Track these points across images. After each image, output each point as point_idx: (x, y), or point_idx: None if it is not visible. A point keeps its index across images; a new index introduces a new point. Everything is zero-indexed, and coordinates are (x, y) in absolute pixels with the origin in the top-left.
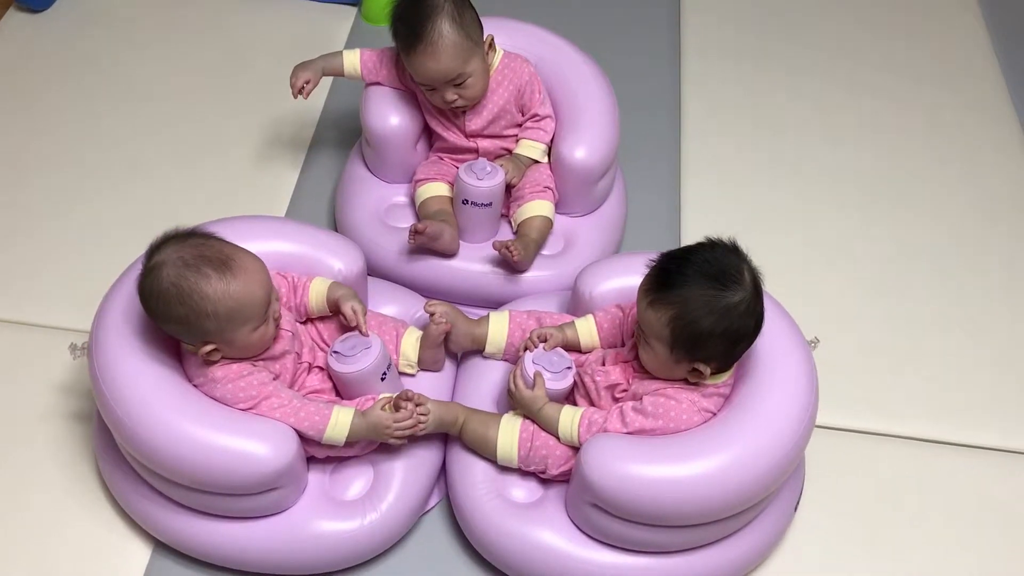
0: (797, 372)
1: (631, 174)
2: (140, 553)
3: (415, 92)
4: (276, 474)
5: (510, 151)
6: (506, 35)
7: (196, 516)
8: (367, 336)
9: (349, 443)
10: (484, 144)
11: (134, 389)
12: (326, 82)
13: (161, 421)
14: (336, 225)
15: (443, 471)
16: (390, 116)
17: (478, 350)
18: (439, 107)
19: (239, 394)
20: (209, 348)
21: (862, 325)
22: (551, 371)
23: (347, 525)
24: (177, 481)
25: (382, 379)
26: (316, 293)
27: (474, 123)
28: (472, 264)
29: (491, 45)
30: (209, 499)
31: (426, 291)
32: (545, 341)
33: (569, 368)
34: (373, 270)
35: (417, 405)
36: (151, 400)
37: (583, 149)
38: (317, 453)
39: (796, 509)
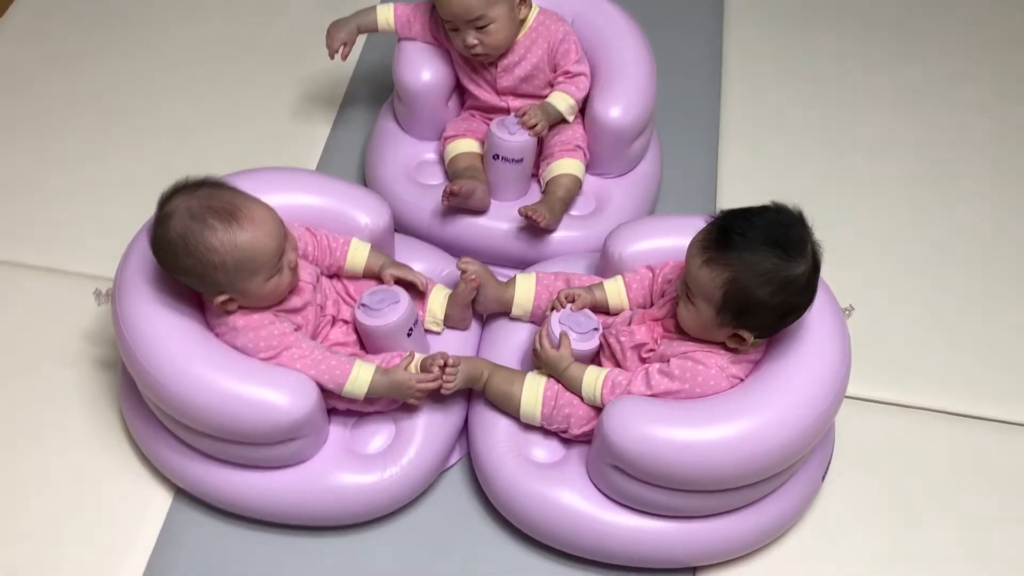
0: (830, 340)
1: (668, 137)
2: (161, 500)
3: (448, 48)
4: (295, 424)
5: None
6: None
7: (216, 464)
8: (396, 290)
9: (369, 399)
10: (515, 104)
11: (155, 337)
12: (360, 37)
13: (181, 368)
14: (365, 181)
15: (465, 428)
16: (422, 71)
17: (505, 312)
18: (464, 56)
19: (260, 343)
20: (223, 298)
21: (901, 296)
22: (577, 332)
23: (367, 478)
24: (196, 429)
25: (408, 335)
26: (354, 259)
27: (505, 80)
28: (501, 223)
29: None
30: (228, 447)
31: (455, 249)
32: (573, 302)
33: (596, 329)
34: (402, 227)
35: (448, 367)
36: (171, 347)
37: (618, 107)
38: (339, 405)
39: (824, 479)
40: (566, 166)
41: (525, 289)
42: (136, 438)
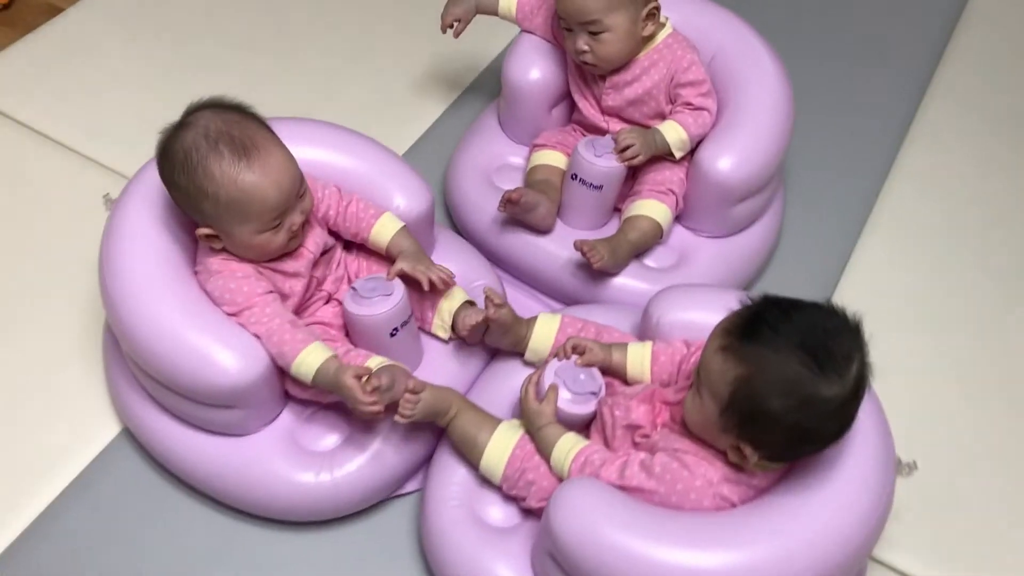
0: (863, 493)
1: (803, 191)
2: (107, 430)
3: (566, 51)
4: (234, 390)
5: None
6: (685, 13)
7: (157, 411)
8: (395, 284)
9: (319, 388)
10: (617, 127)
11: (130, 261)
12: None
13: (142, 301)
14: (446, 168)
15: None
16: (531, 69)
17: (517, 352)
18: (576, 63)
19: (226, 296)
20: (206, 231)
21: (982, 465)
22: (572, 390)
23: (297, 476)
24: (137, 363)
25: (392, 334)
26: (379, 233)
27: (612, 99)
28: (562, 250)
29: (652, 14)
30: (168, 396)
31: (504, 263)
32: (581, 354)
33: (595, 394)
34: (457, 224)
35: (409, 393)
36: (140, 277)
37: (729, 159)
38: (296, 393)
39: None
40: (650, 208)
41: (545, 332)
42: (104, 359)
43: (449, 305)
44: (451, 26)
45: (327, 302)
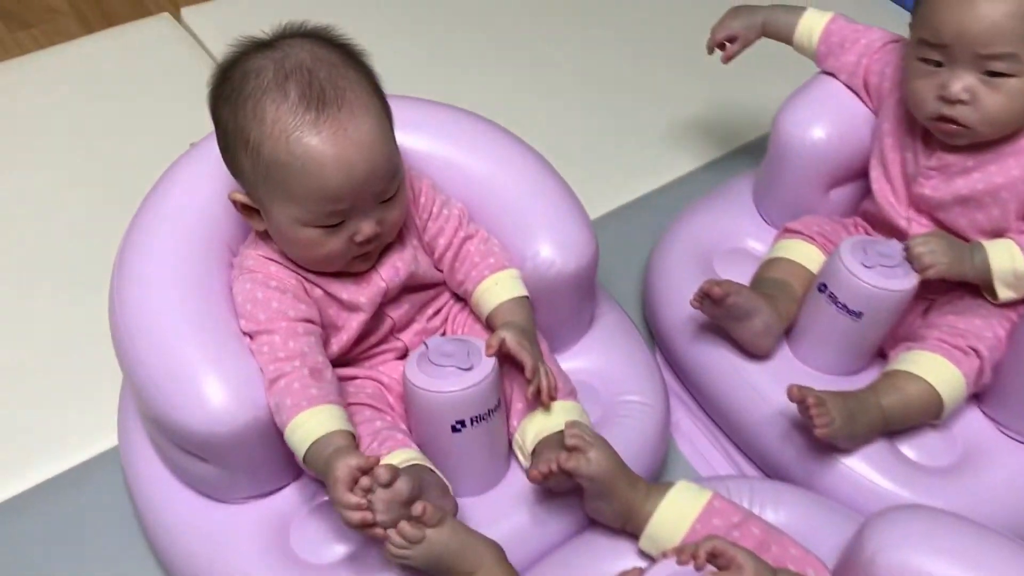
0: None
1: None
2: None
3: (881, 109)
4: (205, 436)
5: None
6: None
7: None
8: (486, 361)
9: (311, 469)
10: (920, 230)
11: (151, 243)
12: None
13: (144, 293)
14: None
15: None
16: (815, 124)
17: (628, 531)
18: (905, 123)
19: (247, 306)
20: (242, 197)
21: None
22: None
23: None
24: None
25: (455, 429)
26: (483, 295)
27: (934, 187)
28: (774, 389)
29: None
30: (142, 412)
31: (687, 381)
32: (719, 568)
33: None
34: (646, 310)
35: (417, 517)
36: (153, 263)
37: None
38: (308, 469)
39: None
40: (931, 367)
41: (677, 513)
42: None
43: (540, 424)
44: (722, 46)
45: (401, 357)
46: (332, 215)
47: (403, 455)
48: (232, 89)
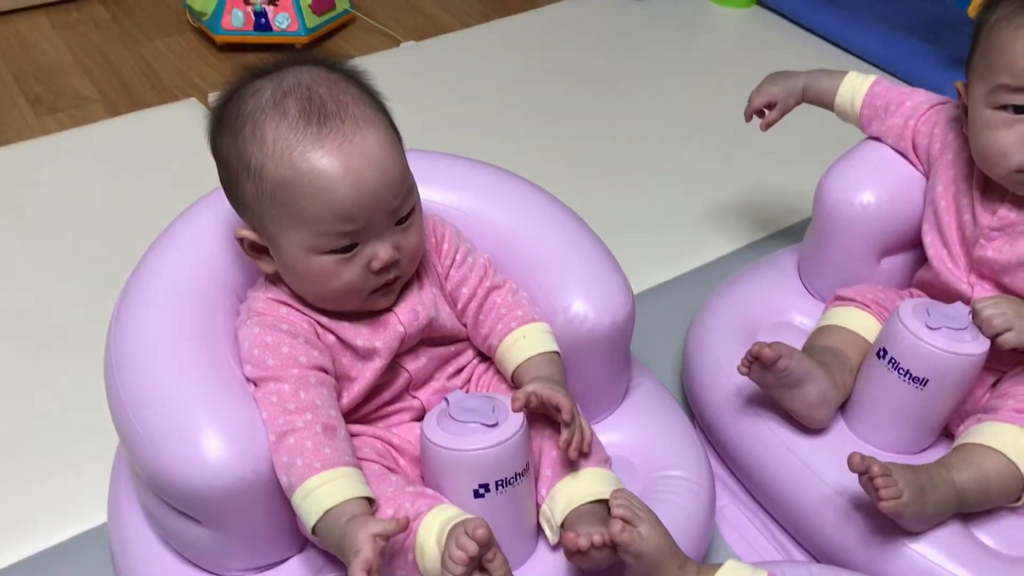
0: None
1: None
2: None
3: (933, 170)
4: (197, 491)
5: None
6: None
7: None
8: (513, 417)
9: (321, 542)
10: (982, 295)
11: (152, 278)
12: None
13: (139, 320)
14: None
15: None
16: (864, 188)
17: None
18: (1002, 174)
19: (254, 351)
20: (248, 234)
21: None
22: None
23: None
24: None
25: (477, 494)
26: (509, 349)
27: (996, 249)
28: (831, 467)
29: None
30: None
31: (731, 459)
32: None
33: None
34: (685, 385)
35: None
36: (150, 304)
37: None
38: (314, 538)
39: None
40: (1007, 439)
41: None
42: None
43: (570, 492)
44: (760, 113)
45: (417, 419)
46: (344, 236)
47: (443, 513)
48: (229, 116)
